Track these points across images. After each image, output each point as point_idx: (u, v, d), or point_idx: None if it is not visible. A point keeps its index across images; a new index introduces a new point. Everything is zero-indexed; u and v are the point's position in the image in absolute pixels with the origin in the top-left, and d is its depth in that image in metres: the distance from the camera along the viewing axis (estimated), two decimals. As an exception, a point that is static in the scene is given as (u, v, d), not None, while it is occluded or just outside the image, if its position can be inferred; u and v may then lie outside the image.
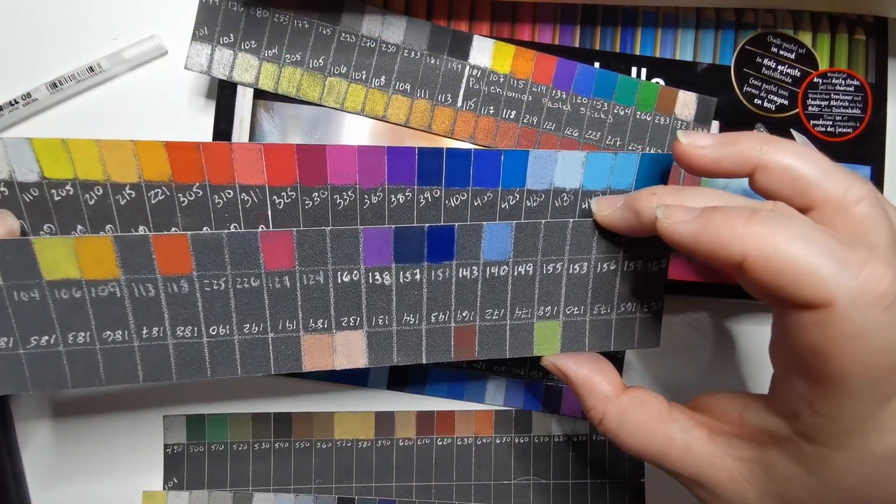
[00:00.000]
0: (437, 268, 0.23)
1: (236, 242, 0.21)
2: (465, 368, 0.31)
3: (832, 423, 0.18)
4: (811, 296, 0.16)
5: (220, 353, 0.22)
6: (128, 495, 0.30)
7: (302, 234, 0.22)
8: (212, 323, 0.22)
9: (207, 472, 0.30)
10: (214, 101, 0.29)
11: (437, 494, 0.31)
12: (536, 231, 0.23)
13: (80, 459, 0.30)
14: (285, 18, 0.29)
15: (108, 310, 0.21)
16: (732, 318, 0.32)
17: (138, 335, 0.21)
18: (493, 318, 0.24)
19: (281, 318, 0.22)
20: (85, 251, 0.20)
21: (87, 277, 0.21)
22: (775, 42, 0.31)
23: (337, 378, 0.31)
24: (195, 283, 0.21)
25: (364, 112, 0.29)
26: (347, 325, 0.23)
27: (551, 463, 0.31)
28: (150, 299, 0.21)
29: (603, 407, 0.23)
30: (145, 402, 0.30)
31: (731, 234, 0.18)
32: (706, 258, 0.18)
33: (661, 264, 0.24)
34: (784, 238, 0.17)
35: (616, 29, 0.31)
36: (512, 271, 0.23)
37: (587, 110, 0.30)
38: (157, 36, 0.30)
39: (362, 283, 0.22)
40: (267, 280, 0.22)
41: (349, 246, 0.22)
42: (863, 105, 0.31)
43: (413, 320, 0.23)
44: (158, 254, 0.21)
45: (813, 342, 0.17)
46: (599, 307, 0.24)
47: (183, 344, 0.22)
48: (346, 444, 0.31)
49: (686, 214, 0.19)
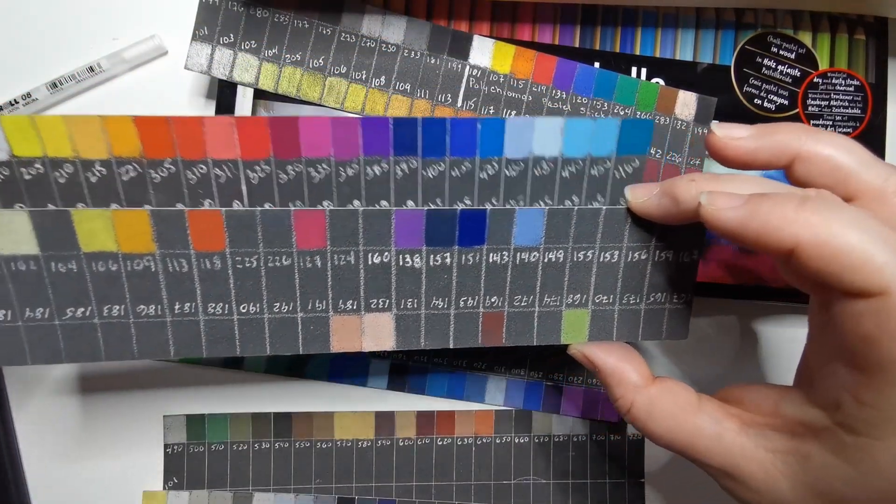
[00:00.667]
0: (467, 252, 0.23)
1: (269, 220, 0.21)
2: (466, 368, 0.31)
3: (877, 412, 0.17)
4: (867, 283, 0.16)
5: (250, 331, 0.22)
6: (128, 495, 0.30)
7: (335, 214, 0.21)
8: (243, 300, 0.22)
9: (207, 472, 0.30)
10: (214, 101, 0.29)
11: (437, 494, 0.31)
12: (569, 217, 0.23)
13: (81, 459, 0.30)
14: (285, 18, 0.29)
15: (142, 284, 0.21)
16: (757, 319, 0.32)
17: (171, 310, 0.22)
18: (522, 304, 0.23)
19: (311, 298, 0.22)
20: (122, 224, 0.21)
21: (124, 251, 0.21)
22: (775, 42, 0.31)
23: (337, 378, 0.31)
24: (227, 260, 0.22)
25: (364, 112, 0.29)
26: (376, 307, 0.23)
27: (551, 463, 0.31)
28: (183, 275, 0.21)
29: (632, 396, 0.22)
30: (145, 402, 0.30)
31: (783, 220, 0.17)
32: (754, 245, 0.18)
33: (693, 255, 0.24)
34: (839, 225, 0.17)
35: (616, 29, 0.31)
36: (543, 258, 0.23)
37: (587, 110, 0.30)
38: (157, 36, 0.30)
39: (392, 265, 0.22)
40: (298, 259, 0.22)
41: (381, 227, 0.22)
42: (863, 105, 0.31)
43: (442, 304, 0.23)
44: (193, 229, 0.21)
45: (866, 331, 0.17)
46: (629, 297, 0.24)
47: (214, 320, 0.22)
48: (346, 444, 0.31)
49: (732, 201, 0.19)
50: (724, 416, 0.21)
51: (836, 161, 0.19)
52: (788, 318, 0.33)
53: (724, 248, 0.30)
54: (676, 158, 0.30)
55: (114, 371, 0.30)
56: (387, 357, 0.31)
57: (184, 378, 0.31)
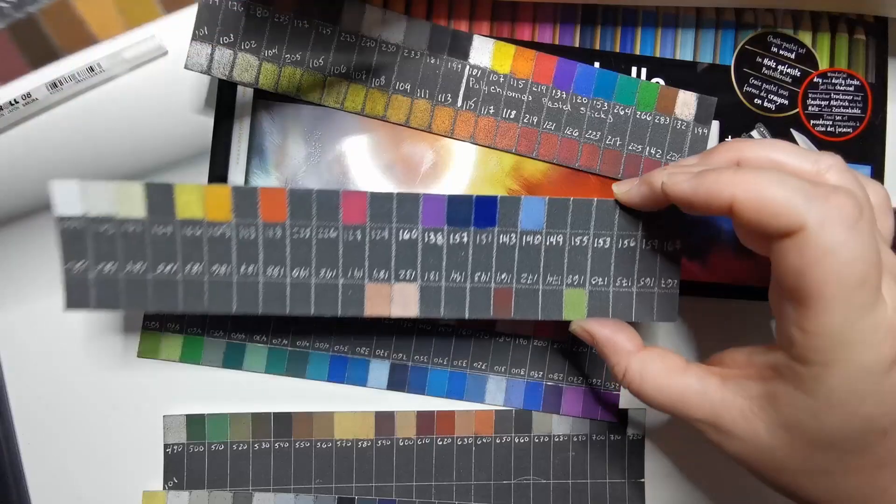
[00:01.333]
0: (481, 233, 0.26)
1: (322, 198, 0.25)
2: (465, 368, 0.31)
3: (818, 338, 0.20)
4: (787, 223, 0.19)
5: (299, 293, 0.26)
6: (128, 495, 0.30)
7: (374, 196, 0.26)
8: (295, 266, 0.26)
9: (207, 472, 0.30)
10: (214, 101, 0.29)
11: (437, 494, 0.31)
12: (566, 207, 0.26)
13: (80, 459, 0.30)
14: (285, 18, 0.29)
15: (218, 248, 0.25)
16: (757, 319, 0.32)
17: (237, 271, 0.25)
18: (528, 282, 0.26)
19: (351, 267, 0.26)
20: (210, 197, 0.25)
21: (209, 219, 0.25)
22: (775, 42, 0.31)
23: (337, 378, 0.31)
24: (287, 231, 0.25)
25: (364, 112, 0.29)
26: (404, 278, 0.26)
27: (551, 463, 0.31)
28: (250, 241, 0.25)
29: (626, 362, 0.25)
30: (145, 402, 0.30)
31: (722, 183, 0.21)
32: (704, 206, 0.21)
33: (676, 245, 0.27)
34: (766, 181, 0.20)
35: (616, 29, 0.31)
36: (545, 241, 0.26)
37: (587, 110, 0.30)
38: (157, 36, 0.30)
39: (419, 241, 0.26)
40: (343, 232, 0.26)
41: (411, 208, 0.26)
42: (863, 105, 0.31)
43: (459, 278, 0.26)
44: (263, 203, 0.25)
45: (793, 264, 0.19)
46: (621, 280, 0.27)
47: (271, 282, 0.25)
48: (346, 444, 0.31)
49: (686, 175, 0.22)
50: (707, 374, 0.24)
51: (772, 160, 0.23)
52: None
53: (725, 248, 0.30)
54: (676, 158, 0.30)
55: (114, 371, 0.30)
56: (387, 357, 0.31)
57: (184, 378, 0.31)
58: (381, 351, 0.31)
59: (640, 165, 0.30)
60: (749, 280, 0.31)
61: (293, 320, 0.30)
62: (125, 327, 0.30)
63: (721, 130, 0.31)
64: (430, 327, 0.31)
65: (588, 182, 0.30)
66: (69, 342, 0.30)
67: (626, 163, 0.30)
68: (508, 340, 0.31)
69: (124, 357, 0.30)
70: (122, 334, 0.30)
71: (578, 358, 0.31)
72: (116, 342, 0.30)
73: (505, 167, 0.30)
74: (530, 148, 0.30)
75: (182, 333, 0.30)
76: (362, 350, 0.31)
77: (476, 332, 0.31)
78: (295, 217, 0.25)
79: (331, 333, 0.31)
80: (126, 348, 0.30)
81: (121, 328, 0.30)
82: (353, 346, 0.31)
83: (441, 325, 0.31)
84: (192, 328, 0.30)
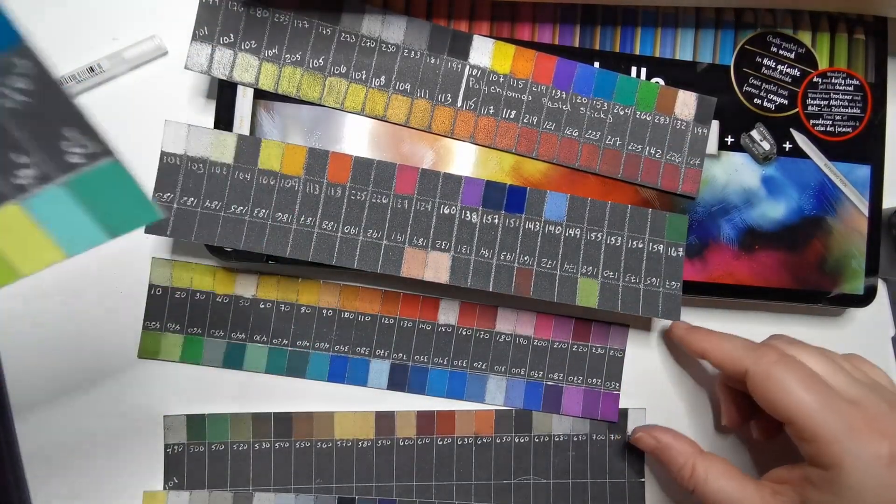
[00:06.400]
0: (510, 217, 0.29)
1: (381, 168, 0.29)
2: (466, 368, 0.31)
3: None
4: (822, 459, 0.23)
5: (346, 248, 0.29)
6: (128, 495, 0.30)
7: (424, 172, 0.29)
8: (347, 223, 0.29)
9: (208, 472, 0.30)
10: (214, 101, 0.29)
11: (437, 494, 0.31)
12: (584, 204, 0.30)
13: (80, 459, 0.30)
14: (285, 18, 0.29)
15: (285, 198, 0.29)
16: (756, 319, 0.32)
17: (297, 220, 0.29)
18: (547, 266, 0.29)
19: (395, 231, 0.29)
20: (288, 153, 0.29)
21: (283, 172, 0.29)
22: (775, 42, 0.31)
23: (337, 378, 0.31)
24: (346, 192, 0.29)
25: (364, 112, 0.29)
26: (439, 248, 0.29)
27: (551, 463, 0.31)
28: (313, 196, 0.29)
29: (693, 461, 0.28)
30: (145, 402, 0.30)
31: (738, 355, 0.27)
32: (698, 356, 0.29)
33: (679, 251, 0.30)
34: (723, 341, 0.28)
35: (616, 29, 0.31)
36: (564, 232, 0.29)
37: (587, 110, 0.30)
38: (157, 36, 0.30)
39: (456, 217, 0.29)
40: (393, 200, 0.29)
41: (453, 187, 0.29)
42: (862, 104, 0.31)
43: (487, 255, 0.29)
44: (331, 165, 0.29)
45: (824, 499, 0.23)
46: (630, 276, 0.30)
47: (323, 234, 0.29)
48: (346, 444, 0.31)
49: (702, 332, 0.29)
50: (762, 485, 0.27)
51: None
52: (787, 317, 0.33)
53: (725, 249, 0.30)
54: (676, 158, 0.30)
55: (114, 371, 0.30)
56: (387, 357, 0.31)
57: (184, 378, 0.31)
58: (382, 351, 0.31)
59: (640, 165, 0.30)
60: (749, 280, 0.31)
61: (293, 321, 0.30)
62: (125, 327, 0.30)
63: (721, 130, 0.31)
64: (430, 327, 0.31)
65: (588, 182, 0.30)
66: (69, 342, 0.30)
67: (626, 163, 0.30)
68: (508, 340, 0.31)
69: (124, 357, 0.30)
70: (122, 334, 0.30)
71: (578, 358, 0.31)
72: (116, 342, 0.30)
73: (505, 167, 0.30)
74: (530, 148, 0.30)
75: (182, 333, 0.30)
76: (362, 350, 0.31)
77: (476, 332, 0.31)
78: (355, 180, 0.29)
79: (331, 332, 0.31)
80: (126, 348, 0.30)
81: (121, 328, 0.30)
82: (353, 346, 0.31)
83: (441, 325, 0.31)
84: (193, 328, 0.30)
